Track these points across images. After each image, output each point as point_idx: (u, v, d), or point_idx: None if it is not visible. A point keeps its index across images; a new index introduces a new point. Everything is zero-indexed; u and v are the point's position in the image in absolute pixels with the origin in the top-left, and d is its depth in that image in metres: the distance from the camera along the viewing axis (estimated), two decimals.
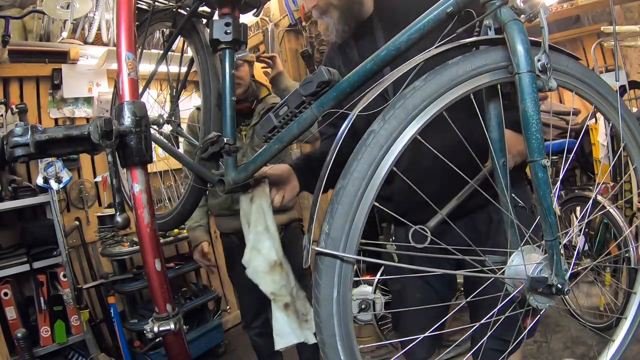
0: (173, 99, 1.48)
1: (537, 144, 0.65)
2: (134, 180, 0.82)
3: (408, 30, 0.74)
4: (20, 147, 0.70)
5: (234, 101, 1.14)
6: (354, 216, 0.60)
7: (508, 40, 0.65)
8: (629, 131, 0.85)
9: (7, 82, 2.56)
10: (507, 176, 0.76)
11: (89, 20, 2.79)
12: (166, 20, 1.36)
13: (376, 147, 0.61)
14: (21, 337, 2.00)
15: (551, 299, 0.72)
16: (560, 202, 2.48)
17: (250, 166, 1.04)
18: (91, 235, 2.71)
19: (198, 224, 2.04)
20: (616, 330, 0.90)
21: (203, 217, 2.07)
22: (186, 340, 0.91)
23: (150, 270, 0.83)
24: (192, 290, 2.92)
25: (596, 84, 0.79)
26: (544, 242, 0.70)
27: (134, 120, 0.78)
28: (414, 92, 0.63)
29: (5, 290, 2.14)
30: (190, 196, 1.28)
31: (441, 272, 0.72)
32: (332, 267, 0.61)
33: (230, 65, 1.13)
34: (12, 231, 2.44)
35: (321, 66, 0.85)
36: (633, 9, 3.06)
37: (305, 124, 0.88)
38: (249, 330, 2.14)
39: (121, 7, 0.87)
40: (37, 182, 2.31)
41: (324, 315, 0.61)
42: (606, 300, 2.34)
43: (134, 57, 0.86)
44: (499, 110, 0.74)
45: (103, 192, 2.85)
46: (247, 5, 1.14)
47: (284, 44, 3.18)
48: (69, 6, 2.14)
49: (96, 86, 2.83)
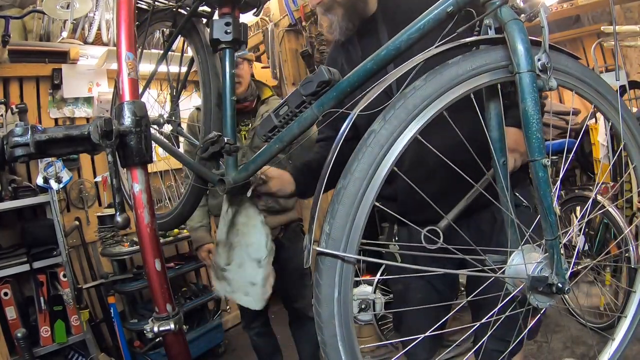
0: (173, 98, 1.48)
1: (537, 144, 0.65)
2: (134, 180, 0.82)
3: (408, 29, 0.74)
4: (20, 147, 0.70)
5: (234, 101, 1.14)
6: (354, 216, 0.60)
7: (508, 39, 0.65)
8: (629, 131, 0.85)
9: (7, 82, 2.56)
10: (507, 176, 0.76)
11: (89, 20, 2.79)
12: (166, 20, 1.35)
13: (377, 147, 0.61)
14: (21, 337, 2.00)
15: (551, 298, 0.72)
16: (560, 202, 2.48)
17: (251, 166, 1.04)
18: (91, 235, 2.71)
19: (200, 224, 2.04)
20: (616, 329, 0.90)
21: (205, 217, 2.07)
22: (186, 340, 0.91)
23: (150, 270, 0.83)
24: (192, 290, 2.91)
25: (596, 83, 0.79)
26: (545, 241, 0.70)
27: (134, 120, 0.78)
28: (414, 91, 0.63)
29: (5, 290, 2.14)
30: (191, 196, 1.28)
31: (442, 272, 0.72)
32: (333, 267, 0.61)
33: (230, 65, 1.13)
34: (12, 231, 2.44)
35: (321, 66, 0.85)
36: (633, 9, 3.06)
37: (306, 123, 0.88)
38: (249, 331, 2.14)
39: (121, 7, 0.87)
40: (37, 182, 2.30)
41: (325, 315, 0.61)
42: (606, 300, 2.34)
43: (134, 57, 0.86)
44: (499, 110, 0.74)
45: (103, 192, 2.85)
46: (247, 5, 1.14)
47: (284, 44, 3.18)
48: (69, 6, 2.14)
49: (96, 86, 2.83)
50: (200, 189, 1.24)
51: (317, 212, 0.65)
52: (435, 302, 1.18)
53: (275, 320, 2.36)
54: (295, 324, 2.17)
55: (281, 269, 2.06)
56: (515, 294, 0.74)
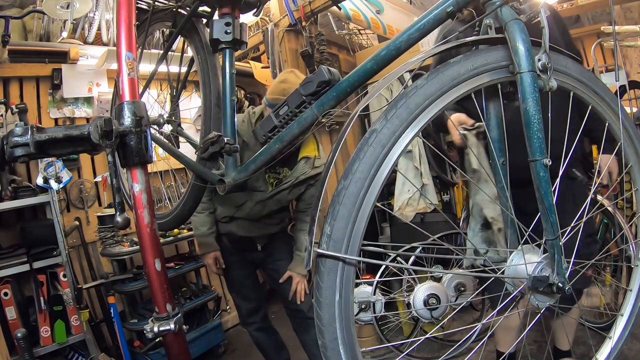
0: (173, 98, 1.48)
1: (538, 144, 0.65)
2: (134, 180, 0.82)
3: (408, 29, 0.74)
4: (20, 147, 0.70)
5: (234, 101, 1.14)
6: (356, 217, 0.60)
7: (509, 39, 0.65)
8: (625, 131, 0.85)
9: (7, 82, 2.56)
10: (507, 176, 0.76)
11: (89, 20, 2.79)
12: (166, 20, 1.35)
13: (379, 147, 0.61)
14: (21, 337, 2.00)
15: (552, 297, 0.72)
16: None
17: (251, 166, 1.04)
18: (91, 235, 2.71)
19: (211, 231, 2.00)
20: (613, 328, 0.91)
21: (214, 224, 2.03)
22: (186, 340, 0.90)
23: (150, 270, 0.83)
24: (192, 290, 2.91)
25: (594, 84, 0.79)
26: (545, 240, 0.70)
27: (134, 120, 0.78)
28: (416, 90, 0.63)
29: (5, 290, 2.14)
30: (191, 196, 1.28)
31: (443, 273, 0.72)
32: (334, 269, 0.60)
33: (230, 65, 1.13)
34: (12, 231, 2.43)
35: (321, 66, 0.85)
36: (633, 9, 3.06)
37: (306, 123, 0.88)
38: (248, 327, 2.12)
39: (121, 7, 0.87)
40: (37, 182, 2.30)
41: (326, 318, 0.61)
42: (606, 300, 2.34)
43: (134, 57, 0.85)
44: (499, 110, 0.74)
45: (103, 192, 2.85)
46: (247, 5, 1.14)
47: (284, 44, 3.18)
48: (69, 6, 2.14)
49: (96, 86, 2.83)
50: (200, 189, 1.24)
51: (318, 213, 0.65)
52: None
53: (276, 320, 2.36)
54: (300, 329, 2.11)
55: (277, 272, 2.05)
56: (516, 292, 0.74)
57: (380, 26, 3.59)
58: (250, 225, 1.95)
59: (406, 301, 2.22)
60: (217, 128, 1.15)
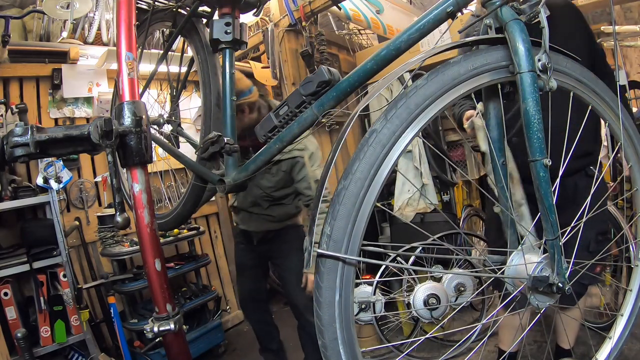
0: (173, 98, 1.48)
1: (538, 144, 0.65)
2: (134, 180, 0.82)
3: (408, 29, 0.74)
4: (20, 147, 0.70)
5: (233, 101, 1.14)
6: (356, 217, 0.60)
7: (509, 39, 0.65)
8: (625, 131, 0.85)
9: (7, 82, 2.56)
10: (507, 176, 0.76)
11: (89, 20, 2.79)
12: (166, 20, 1.36)
13: (379, 147, 0.61)
14: (21, 337, 2.00)
15: (552, 297, 0.72)
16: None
17: (251, 166, 1.04)
18: (91, 235, 2.71)
19: None
20: (613, 328, 0.91)
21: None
22: (186, 340, 0.91)
23: (150, 270, 0.83)
24: (192, 290, 2.91)
25: (594, 84, 0.79)
26: (545, 240, 0.70)
27: (133, 120, 0.78)
28: (416, 90, 0.63)
29: (5, 290, 2.13)
30: (191, 196, 1.28)
31: (443, 273, 0.72)
32: (334, 269, 0.60)
33: (230, 65, 1.13)
34: (12, 231, 2.43)
35: (321, 66, 0.85)
36: (633, 9, 3.06)
37: (306, 123, 0.88)
38: (243, 310, 2.26)
39: (121, 7, 0.87)
40: (37, 182, 2.30)
41: (326, 319, 0.61)
42: (606, 300, 2.34)
43: (134, 57, 0.86)
44: (499, 110, 0.74)
45: (103, 192, 2.85)
46: (247, 5, 1.14)
47: (284, 44, 3.18)
48: (69, 6, 2.14)
49: (96, 86, 2.83)
50: (200, 189, 1.24)
51: (317, 213, 0.65)
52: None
53: (275, 320, 2.36)
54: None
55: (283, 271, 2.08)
56: (515, 294, 0.74)
57: (380, 26, 3.59)
58: (249, 218, 2.06)
59: (406, 301, 2.22)
60: (217, 128, 1.15)
